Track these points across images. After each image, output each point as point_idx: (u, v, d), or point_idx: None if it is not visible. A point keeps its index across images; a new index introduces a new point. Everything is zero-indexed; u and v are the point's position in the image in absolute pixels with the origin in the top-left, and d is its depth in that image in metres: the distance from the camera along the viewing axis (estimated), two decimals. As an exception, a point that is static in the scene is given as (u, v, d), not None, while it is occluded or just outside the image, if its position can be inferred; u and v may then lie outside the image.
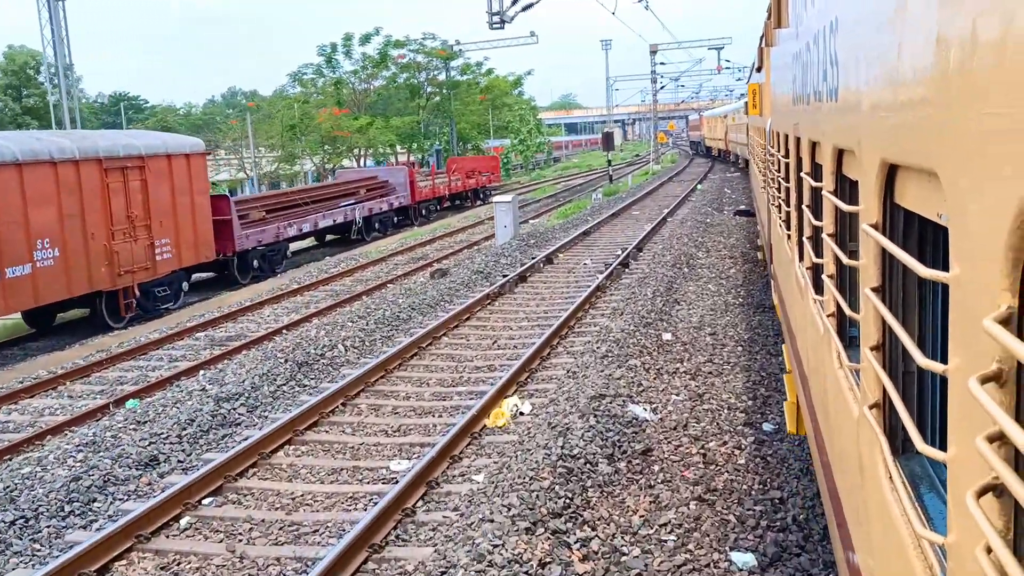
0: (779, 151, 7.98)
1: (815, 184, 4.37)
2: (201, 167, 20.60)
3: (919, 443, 1.83)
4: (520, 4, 26.58)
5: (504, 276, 17.56)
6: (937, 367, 1.70)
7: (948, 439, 1.64)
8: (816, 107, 4.27)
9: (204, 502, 7.59)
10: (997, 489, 1.32)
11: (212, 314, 16.77)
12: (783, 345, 8.50)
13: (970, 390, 1.31)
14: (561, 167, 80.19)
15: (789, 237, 6.55)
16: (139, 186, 18.05)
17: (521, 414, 9.49)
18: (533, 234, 24.34)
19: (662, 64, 67.90)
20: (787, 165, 6.76)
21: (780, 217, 7.78)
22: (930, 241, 2.50)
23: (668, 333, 12.44)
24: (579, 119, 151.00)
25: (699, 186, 39.91)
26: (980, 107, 1.38)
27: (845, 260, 3.20)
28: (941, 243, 2.42)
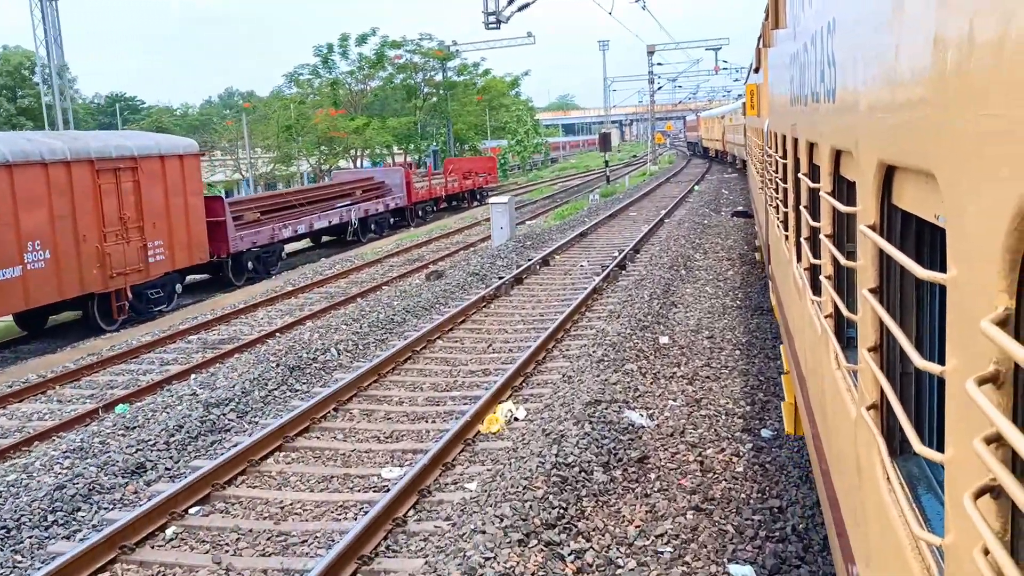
0: (777, 152, 7.93)
1: (813, 185, 4.38)
2: (195, 168, 20.42)
3: (917, 444, 1.85)
4: (516, 4, 26.46)
5: (500, 278, 17.41)
6: (935, 368, 1.72)
7: (946, 440, 1.66)
8: (814, 108, 4.27)
9: (191, 511, 7.43)
10: (994, 491, 1.32)
11: (205, 316, 16.60)
12: (781, 346, 8.39)
13: (967, 391, 1.32)
14: (558, 168, 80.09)
15: (787, 238, 6.54)
16: (132, 187, 17.88)
17: (515, 420, 9.34)
18: (530, 235, 24.20)
19: (659, 65, 68.05)
20: (785, 166, 6.73)
21: (778, 218, 7.72)
22: (928, 242, 2.50)
23: (665, 336, 12.30)
24: (576, 120, 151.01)
25: (696, 187, 39.79)
26: (978, 108, 1.39)
27: (843, 261, 3.22)
28: (939, 244, 2.42)
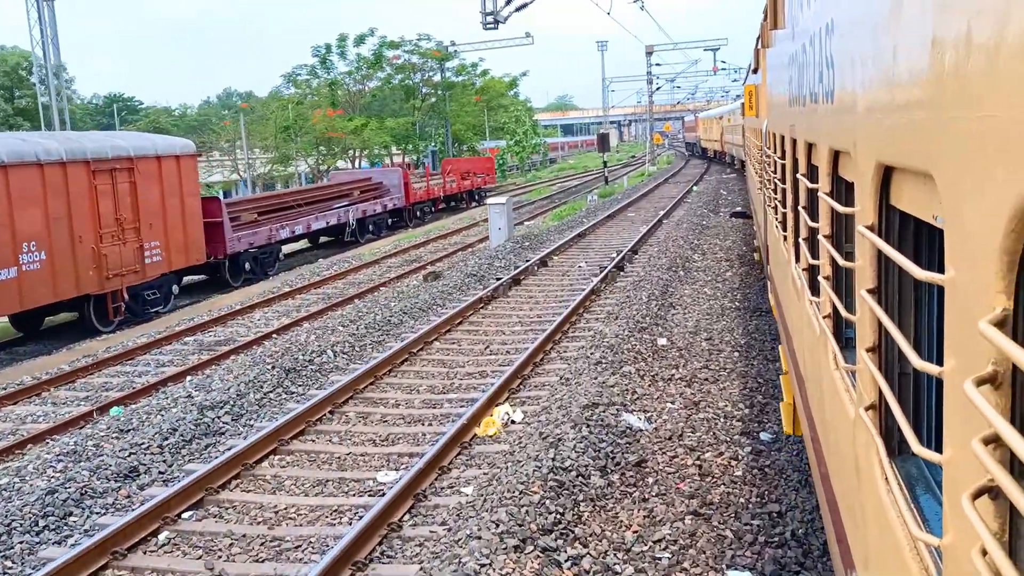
0: (775, 153, 7.88)
1: (811, 185, 4.36)
2: (191, 169, 20.35)
3: (915, 445, 1.84)
4: (514, 4, 26.39)
5: (498, 279, 17.33)
6: (933, 369, 1.72)
7: (944, 441, 1.65)
8: (812, 109, 4.25)
9: (184, 516, 7.35)
10: (992, 491, 1.32)
11: (202, 318, 16.53)
12: (780, 346, 8.34)
13: (965, 392, 1.31)
14: (557, 168, 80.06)
15: (785, 238, 6.51)
16: (128, 188, 17.80)
17: (512, 422, 9.27)
18: (528, 236, 24.13)
19: (658, 65, 68.08)
20: (783, 167, 6.69)
21: (776, 218, 7.68)
22: (926, 243, 2.50)
23: (663, 338, 12.23)
24: (575, 120, 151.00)
25: (695, 188, 39.73)
26: (975, 109, 1.39)
27: (841, 262, 3.22)
28: (937, 245, 2.42)
